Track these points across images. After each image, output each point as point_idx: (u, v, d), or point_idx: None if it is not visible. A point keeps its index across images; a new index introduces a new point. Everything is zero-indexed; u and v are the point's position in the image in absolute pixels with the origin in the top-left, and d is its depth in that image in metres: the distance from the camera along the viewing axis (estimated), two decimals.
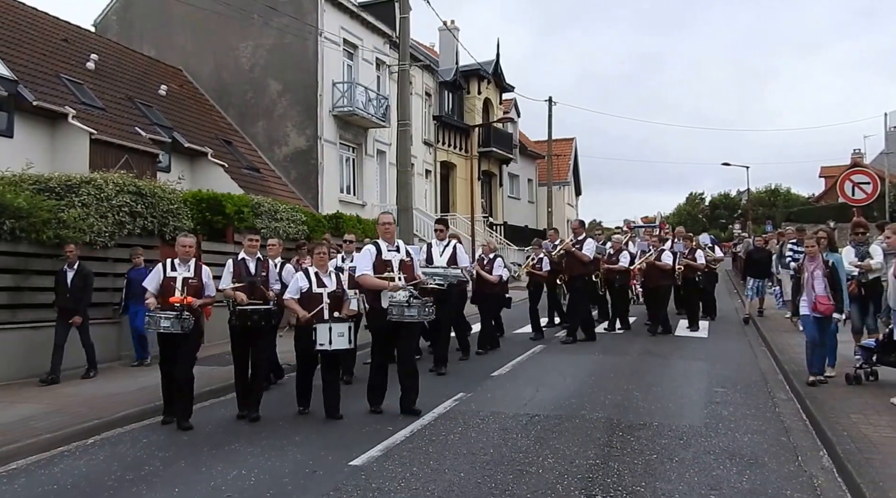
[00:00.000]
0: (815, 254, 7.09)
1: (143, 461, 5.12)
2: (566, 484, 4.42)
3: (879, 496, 4.09)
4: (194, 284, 6.20)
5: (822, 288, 6.93)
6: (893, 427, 5.50)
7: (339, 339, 6.02)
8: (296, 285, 6.34)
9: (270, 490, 4.37)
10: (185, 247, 6.29)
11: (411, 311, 6.08)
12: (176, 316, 5.96)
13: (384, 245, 6.36)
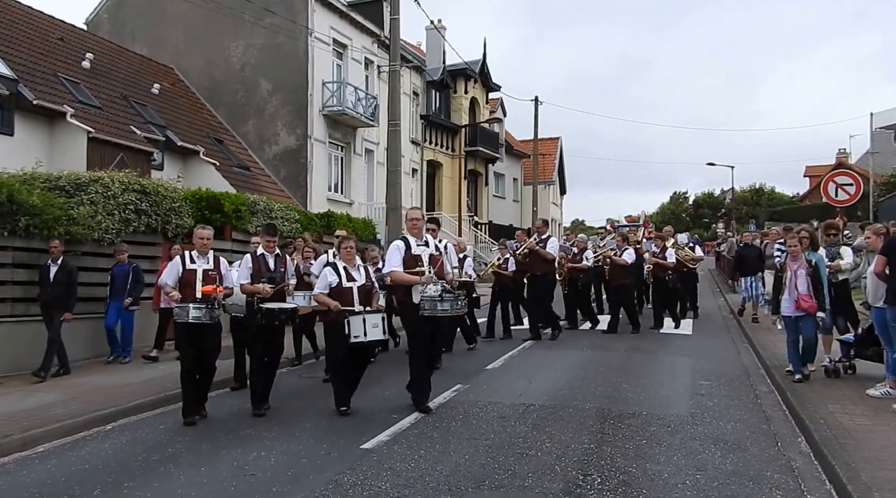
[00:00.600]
0: (798, 253, 7.21)
1: (165, 444, 5.42)
2: (563, 465, 4.80)
3: (852, 476, 4.50)
4: (213, 276, 6.23)
5: (805, 287, 7.07)
6: (867, 416, 5.92)
7: (373, 330, 6.00)
8: (325, 280, 6.31)
9: (290, 469, 4.70)
10: (204, 239, 6.30)
11: (444, 304, 6.04)
12: (207, 307, 5.99)
13: (413, 240, 6.33)
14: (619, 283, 11.78)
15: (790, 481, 4.59)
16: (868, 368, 7.39)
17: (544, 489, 4.33)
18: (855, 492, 4.20)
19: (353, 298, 6.19)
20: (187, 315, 5.97)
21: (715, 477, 4.61)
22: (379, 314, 6.16)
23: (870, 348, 7.27)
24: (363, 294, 6.27)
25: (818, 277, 7.16)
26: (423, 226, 6.50)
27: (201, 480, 4.53)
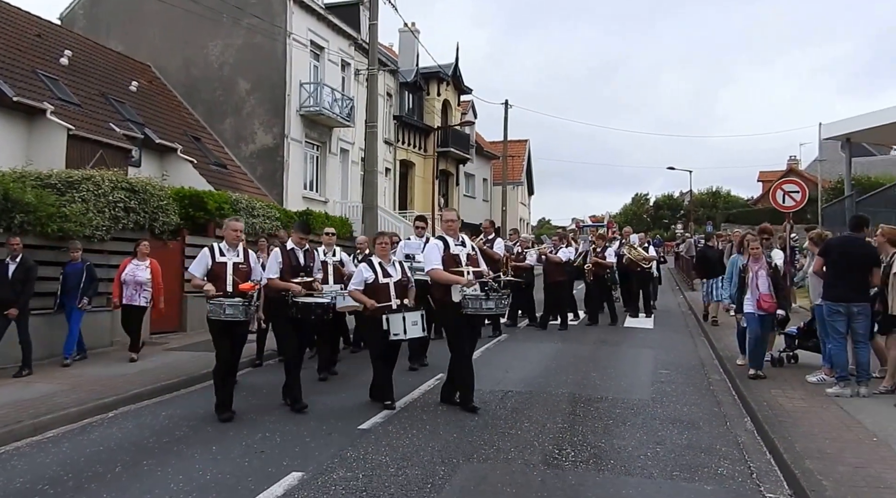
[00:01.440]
0: (759, 255, 7.61)
1: (171, 428, 5.83)
2: (541, 441, 5.39)
3: (787, 447, 5.20)
4: (244, 269, 6.13)
5: (766, 287, 7.42)
6: (804, 399, 6.68)
7: (413, 327, 6.03)
8: (360, 276, 6.31)
9: (296, 447, 5.18)
10: (237, 231, 6.17)
11: (489, 303, 6.06)
12: (243, 303, 5.88)
13: (450, 240, 6.36)
14: (554, 279, 12.30)
15: (736, 453, 5.28)
16: (808, 358, 8.21)
17: (525, 461, 4.92)
18: (789, 460, 4.89)
19: (391, 294, 6.20)
20: (223, 312, 5.81)
21: (672, 449, 5.26)
22: (418, 312, 6.19)
23: (810, 340, 8.08)
24: (399, 290, 6.28)
25: (778, 277, 7.63)
26: (457, 227, 6.55)
27: (215, 458, 4.99)
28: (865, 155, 38.97)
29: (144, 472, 4.71)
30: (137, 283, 8.84)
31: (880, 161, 39.74)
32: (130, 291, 8.84)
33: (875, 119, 13.58)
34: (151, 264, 9.02)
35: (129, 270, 8.87)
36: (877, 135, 15.61)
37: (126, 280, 8.84)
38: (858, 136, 15.08)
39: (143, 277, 8.87)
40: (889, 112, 13.04)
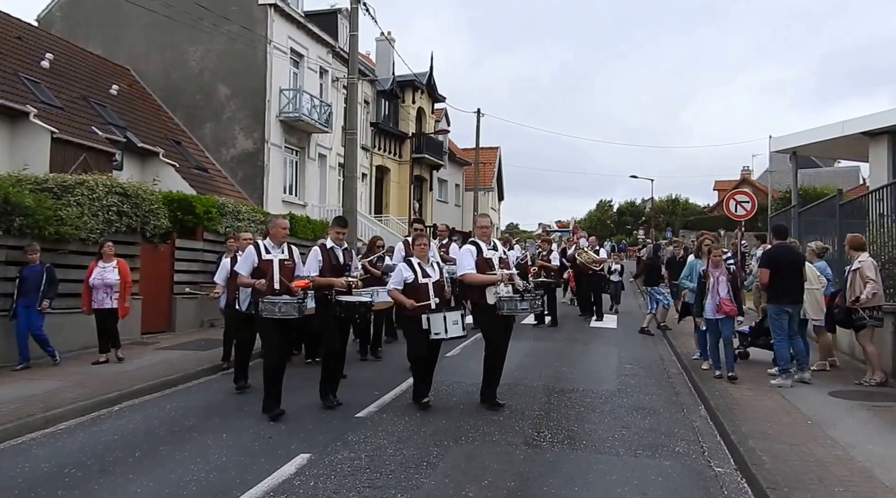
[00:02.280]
0: (720, 262, 7.99)
1: (179, 419, 6.29)
2: (521, 426, 6.02)
3: (734, 429, 5.91)
4: (289, 266, 6.18)
5: (726, 292, 7.74)
6: (752, 390, 7.45)
7: (454, 327, 6.14)
8: (399, 276, 6.41)
9: (301, 433, 5.71)
10: (284, 228, 6.25)
11: (524, 304, 6.29)
12: (297, 300, 5.92)
13: (483, 245, 6.51)
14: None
15: (691, 435, 5.99)
16: (759, 355, 9.04)
17: (508, 442, 5.54)
18: (735, 440, 5.60)
19: (430, 293, 6.33)
20: (277, 311, 5.83)
21: (636, 432, 5.94)
22: (458, 311, 6.34)
23: (760, 338, 8.91)
24: (438, 290, 6.41)
25: (736, 283, 8.03)
26: (491, 232, 6.77)
27: (227, 443, 5.49)
28: (812, 166, 41.00)
29: (163, 456, 5.19)
30: (106, 285, 8.60)
31: (826, 172, 41.82)
32: (101, 295, 8.60)
33: (819, 134, 14.32)
34: (119, 264, 8.79)
35: (95, 273, 8.61)
36: (820, 149, 16.50)
37: (94, 284, 8.58)
38: (804, 149, 15.84)
39: (111, 278, 8.62)
40: (831, 128, 13.74)
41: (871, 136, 12.13)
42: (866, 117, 12.33)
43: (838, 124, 13.27)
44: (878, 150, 12.11)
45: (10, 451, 5.40)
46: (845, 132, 12.72)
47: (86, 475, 4.75)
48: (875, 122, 11.91)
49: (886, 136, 11.86)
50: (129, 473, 4.79)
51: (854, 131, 12.39)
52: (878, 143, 12.08)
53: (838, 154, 20.89)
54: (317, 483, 4.49)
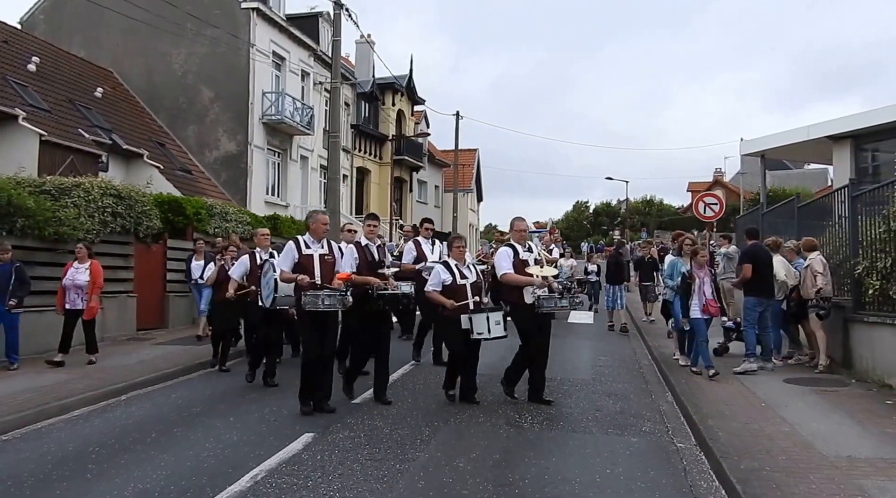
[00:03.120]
0: (705, 263, 8.25)
1: (187, 407, 6.73)
2: (504, 409, 6.59)
3: (696, 411, 6.53)
4: (330, 261, 6.23)
5: (711, 292, 8.04)
6: (716, 378, 8.06)
7: (496, 327, 6.27)
8: (438, 278, 6.55)
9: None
10: (325, 224, 6.33)
11: (563, 301, 6.49)
12: (340, 293, 5.96)
13: (519, 247, 6.70)
14: None
15: (657, 417, 6.61)
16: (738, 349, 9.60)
17: (493, 423, 6.10)
18: (696, 419, 6.21)
19: (468, 294, 6.48)
20: (321, 303, 5.86)
21: (608, 414, 6.55)
22: (500, 312, 6.46)
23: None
24: (475, 291, 6.60)
25: (717, 283, 8.38)
26: (527, 236, 7.00)
27: (235, 425, 5.96)
28: (783, 168, 42.42)
29: (178, 436, 5.64)
30: (77, 286, 8.54)
31: (796, 174, 43.27)
32: (72, 296, 8.57)
33: (786, 138, 14.98)
34: (92, 266, 8.73)
35: (69, 274, 8.61)
36: (788, 152, 17.26)
37: (66, 285, 8.57)
38: (772, 152, 16.48)
39: (81, 280, 8.55)
40: (798, 132, 14.40)
41: (834, 139, 12.82)
42: (830, 122, 13.06)
43: (804, 128, 13.89)
44: (842, 154, 12.80)
45: (33, 434, 5.81)
46: (811, 136, 13.38)
47: (110, 453, 5.19)
48: (838, 126, 12.65)
49: (849, 140, 12.58)
50: (150, 450, 5.24)
51: (819, 135, 13.06)
52: (842, 147, 12.78)
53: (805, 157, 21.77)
54: (322, 457, 5.01)
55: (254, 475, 4.56)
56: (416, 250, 8.70)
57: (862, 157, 12.83)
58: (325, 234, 6.37)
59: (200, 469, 4.73)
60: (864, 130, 12.27)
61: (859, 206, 8.87)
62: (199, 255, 11.10)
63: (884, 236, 8.02)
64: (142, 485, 4.43)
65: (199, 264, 10.93)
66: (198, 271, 10.89)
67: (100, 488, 4.39)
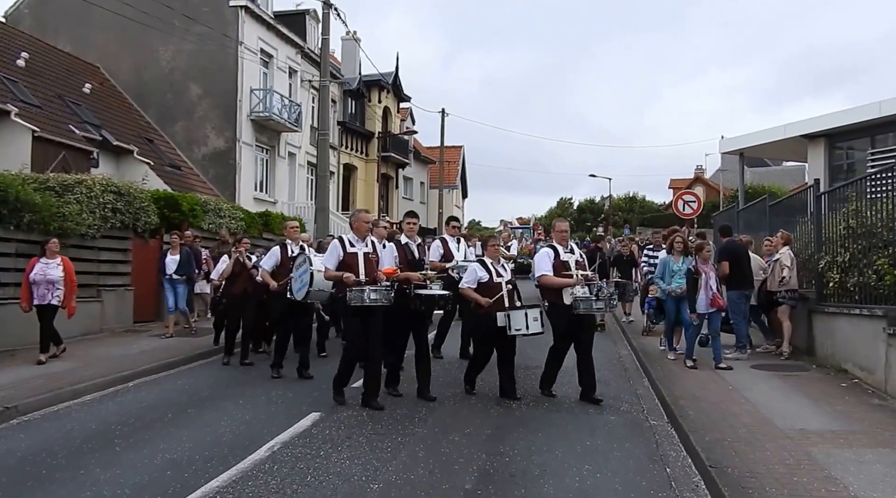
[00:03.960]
0: (709, 258, 8.39)
1: (195, 392, 7.15)
2: (494, 393, 7.07)
3: (669, 393, 7.09)
4: (374, 259, 6.36)
5: (716, 286, 8.25)
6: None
7: (534, 323, 6.44)
8: (474, 276, 6.67)
9: (308, 398, 6.66)
10: (367, 222, 6.43)
11: (599, 303, 6.54)
12: (385, 288, 6.07)
13: (560, 248, 6.83)
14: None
15: (634, 399, 7.18)
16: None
17: (484, 404, 6.63)
18: (670, 400, 6.78)
19: (503, 292, 6.64)
20: (367, 298, 5.96)
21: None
22: (538, 309, 6.62)
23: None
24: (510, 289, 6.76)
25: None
26: (567, 236, 7.06)
27: (245, 406, 6.40)
28: (762, 166, 43.49)
29: (192, 416, 6.08)
30: (49, 281, 8.34)
31: (775, 171, 44.36)
32: (42, 291, 8.34)
33: (763, 137, 15.40)
34: (63, 262, 8.55)
35: (38, 269, 8.36)
36: (765, 150, 17.65)
37: (36, 280, 8.32)
38: (750, 151, 16.82)
39: (54, 275, 8.37)
40: (774, 131, 14.81)
41: (809, 138, 13.30)
42: (805, 121, 13.52)
43: (780, 127, 14.31)
44: (816, 152, 13.32)
45: (52, 415, 6.22)
46: (787, 135, 13.83)
47: (132, 430, 5.62)
48: (813, 125, 13.14)
49: (823, 139, 13.08)
50: (169, 427, 5.68)
51: (794, 134, 13.51)
52: (816, 146, 13.29)
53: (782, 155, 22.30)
54: (331, 432, 5.49)
55: (270, 446, 5.04)
56: (442, 248, 8.73)
57: (836, 156, 13.29)
58: (367, 232, 6.49)
59: (220, 442, 5.19)
60: (837, 129, 12.69)
61: (823, 205, 9.52)
62: (174, 249, 10.72)
63: (843, 233, 8.68)
64: (168, 455, 4.88)
65: (175, 259, 10.56)
66: (172, 266, 10.52)
67: (130, 458, 4.83)
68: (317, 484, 4.36)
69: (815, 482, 4.42)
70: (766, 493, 4.23)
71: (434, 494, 4.24)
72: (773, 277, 9.29)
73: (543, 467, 4.79)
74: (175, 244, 10.72)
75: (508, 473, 4.69)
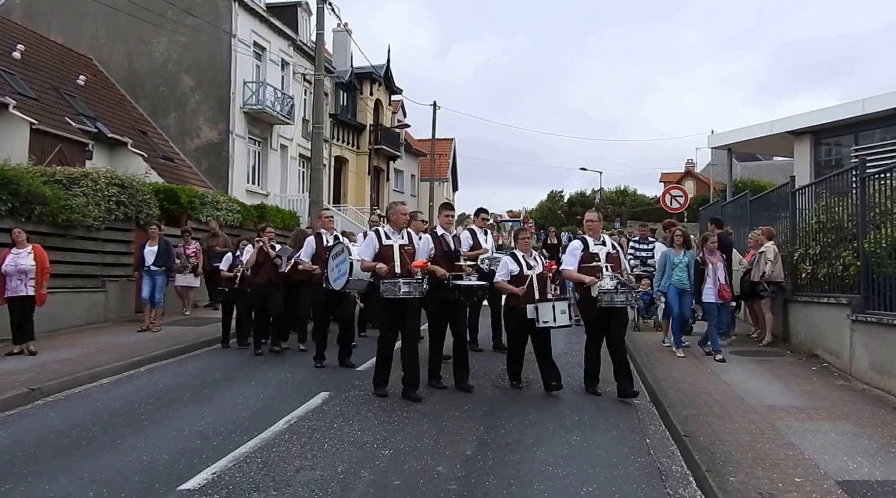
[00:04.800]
0: (715, 249, 8.41)
1: (207, 374, 7.57)
2: (489, 376, 7.58)
3: (652, 376, 7.58)
4: (409, 251, 6.44)
5: (724, 277, 8.33)
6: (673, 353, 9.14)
7: (561, 316, 6.45)
8: (506, 269, 6.79)
9: (317, 380, 7.10)
10: (404, 214, 6.52)
11: (619, 297, 6.42)
12: (417, 281, 6.15)
13: (590, 240, 6.79)
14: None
15: None
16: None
17: (480, 386, 7.10)
18: (652, 382, 7.29)
19: (534, 284, 6.68)
20: (398, 291, 6.05)
21: (577, 380, 7.49)
22: (566, 301, 6.68)
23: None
24: (541, 281, 6.81)
25: (730, 269, 8.64)
26: (599, 227, 6.95)
27: (258, 387, 6.85)
28: (753, 160, 44.19)
29: (210, 396, 6.52)
30: (20, 271, 8.16)
31: (765, 165, 45.03)
32: (15, 282, 8.16)
33: (750, 132, 15.54)
34: (35, 250, 8.34)
35: (8, 260, 8.15)
36: (753, 146, 17.88)
37: (7, 271, 8.12)
38: (738, 146, 16.95)
39: (26, 264, 8.17)
40: (761, 127, 14.87)
41: (795, 134, 13.33)
42: (791, 117, 13.74)
43: (767, 124, 14.40)
44: (802, 148, 13.37)
45: (74, 397, 6.63)
46: (773, 131, 14.00)
47: (155, 407, 6.05)
48: (799, 122, 13.19)
49: (809, 135, 13.11)
50: (190, 405, 6.13)
51: (781, 130, 13.71)
52: (802, 142, 13.34)
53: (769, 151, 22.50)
54: (341, 408, 5.98)
55: (287, 420, 5.51)
56: (472, 239, 8.79)
57: (821, 151, 13.32)
58: (405, 224, 6.60)
59: (240, 417, 5.64)
60: (823, 126, 12.89)
61: (797, 201, 10.09)
62: (152, 240, 10.40)
63: (815, 227, 9.26)
64: (195, 428, 5.34)
65: (153, 250, 10.33)
66: (151, 257, 10.28)
67: (160, 430, 5.28)
68: (333, 451, 4.85)
69: (775, 448, 4.97)
70: (732, 456, 4.76)
71: (439, 459, 4.73)
72: (756, 269, 9.77)
73: (536, 438, 5.30)
74: (154, 235, 10.42)
75: (504, 442, 5.19)
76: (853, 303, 7.66)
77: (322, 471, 4.43)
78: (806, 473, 4.50)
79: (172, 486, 4.13)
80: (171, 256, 10.67)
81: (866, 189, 7.73)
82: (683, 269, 8.85)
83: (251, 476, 4.31)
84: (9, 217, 9.04)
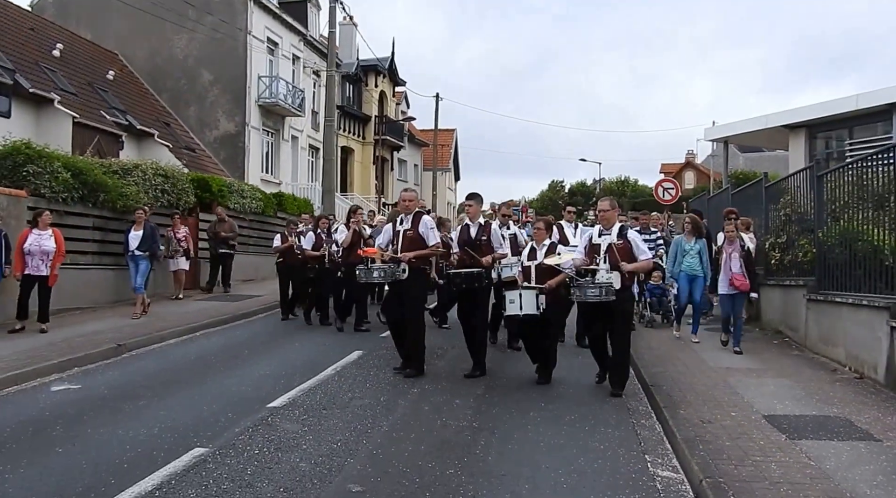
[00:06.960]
0: (734, 238, 8.30)
1: (255, 339, 8.96)
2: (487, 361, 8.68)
3: (638, 357, 8.57)
4: (410, 236, 6.64)
5: (738, 267, 8.13)
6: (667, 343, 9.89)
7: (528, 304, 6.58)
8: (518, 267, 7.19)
9: (352, 342, 8.42)
10: (406, 201, 6.78)
11: (592, 290, 6.16)
12: (389, 268, 6.57)
13: (595, 231, 6.70)
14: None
15: None
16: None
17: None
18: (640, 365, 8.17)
19: (531, 276, 6.85)
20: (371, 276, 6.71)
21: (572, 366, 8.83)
22: (534, 291, 6.63)
23: None
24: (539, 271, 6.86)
25: (751, 259, 8.34)
26: (612, 217, 6.58)
27: (301, 348, 8.25)
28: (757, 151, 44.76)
29: (263, 353, 7.93)
30: (43, 252, 8.56)
31: (767, 157, 45.39)
32: (36, 262, 8.54)
33: (746, 126, 15.53)
34: (55, 233, 8.77)
35: (32, 240, 8.53)
36: (749, 139, 18.40)
37: (31, 250, 8.51)
38: (734, 139, 17.53)
39: (49, 246, 8.59)
40: (756, 121, 15.36)
41: (790, 128, 13.71)
42: (786, 112, 13.96)
43: (762, 118, 14.93)
44: (797, 142, 13.74)
45: (153, 352, 8.06)
46: (768, 125, 14.21)
47: (223, 360, 7.48)
48: (794, 116, 13.57)
49: (804, 129, 13.48)
50: (253, 357, 7.63)
51: (776, 124, 13.93)
52: (797, 136, 13.71)
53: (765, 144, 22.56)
54: (374, 361, 7.43)
55: (333, 367, 6.97)
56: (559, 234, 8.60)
57: (816, 145, 13.64)
58: (410, 209, 6.77)
59: (296, 365, 7.10)
60: (817, 120, 13.22)
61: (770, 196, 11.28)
62: (138, 225, 10.30)
63: (783, 219, 10.56)
64: (261, 372, 6.80)
65: (137, 234, 10.22)
66: (135, 242, 10.20)
67: (237, 373, 6.76)
68: (374, 389, 6.31)
69: (723, 395, 6.32)
70: (686, 399, 6.11)
71: (456, 394, 6.20)
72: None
73: (528, 393, 6.53)
74: (140, 220, 10.32)
75: (507, 389, 6.55)
76: (809, 284, 8.80)
77: (369, 399, 5.88)
78: (741, 409, 5.87)
79: (263, 404, 5.60)
80: (155, 240, 10.57)
81: (823, 186, 8.99)
82: (694, 255, 9.14)
83: (318, 400, 5.77)
84: (80, 203, 10.39)
